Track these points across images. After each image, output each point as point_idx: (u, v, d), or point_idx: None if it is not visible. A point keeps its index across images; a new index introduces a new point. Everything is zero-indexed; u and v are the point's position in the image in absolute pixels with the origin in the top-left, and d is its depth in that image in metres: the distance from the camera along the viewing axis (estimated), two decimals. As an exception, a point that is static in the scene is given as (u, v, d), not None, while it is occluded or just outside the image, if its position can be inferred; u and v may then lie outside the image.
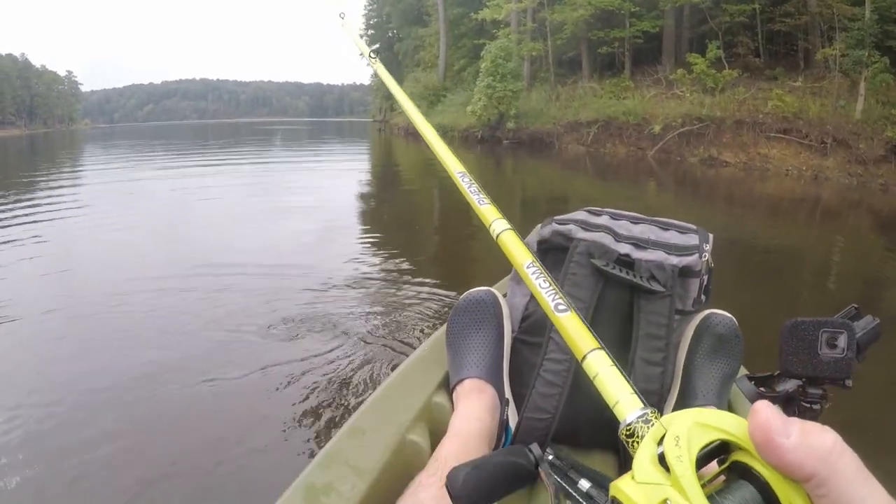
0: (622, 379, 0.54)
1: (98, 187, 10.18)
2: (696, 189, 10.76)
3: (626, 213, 1.39)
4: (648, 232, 1.30)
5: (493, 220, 0.91)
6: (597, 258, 1.22)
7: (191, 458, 2.14)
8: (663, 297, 1.19)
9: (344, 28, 1.76)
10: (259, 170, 13.66)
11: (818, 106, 12.87)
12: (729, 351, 1.25)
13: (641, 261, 1.21)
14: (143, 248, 5.43)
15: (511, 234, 0.88)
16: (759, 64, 15.95)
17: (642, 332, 1.18)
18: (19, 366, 2.88)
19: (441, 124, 25.25)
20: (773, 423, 0.28)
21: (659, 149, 14.93)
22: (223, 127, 65.60)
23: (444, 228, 6.90)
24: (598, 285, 1.21)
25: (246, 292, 3.90)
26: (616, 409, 0.50)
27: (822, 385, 0.78)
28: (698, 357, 1.24)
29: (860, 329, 0.76)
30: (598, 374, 0.56)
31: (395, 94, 1.40)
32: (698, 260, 1.24)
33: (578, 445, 1.22)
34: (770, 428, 0.28)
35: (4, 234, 5.73)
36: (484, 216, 0.96)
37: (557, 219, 1.36)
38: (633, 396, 0.51)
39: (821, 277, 4.77)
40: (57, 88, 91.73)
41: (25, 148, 29.93)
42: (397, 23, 43.38)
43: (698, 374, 1.22)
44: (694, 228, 1.35)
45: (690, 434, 0.33)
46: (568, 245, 1.28)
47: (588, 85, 19.99)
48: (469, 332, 1.29)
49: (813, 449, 0.28)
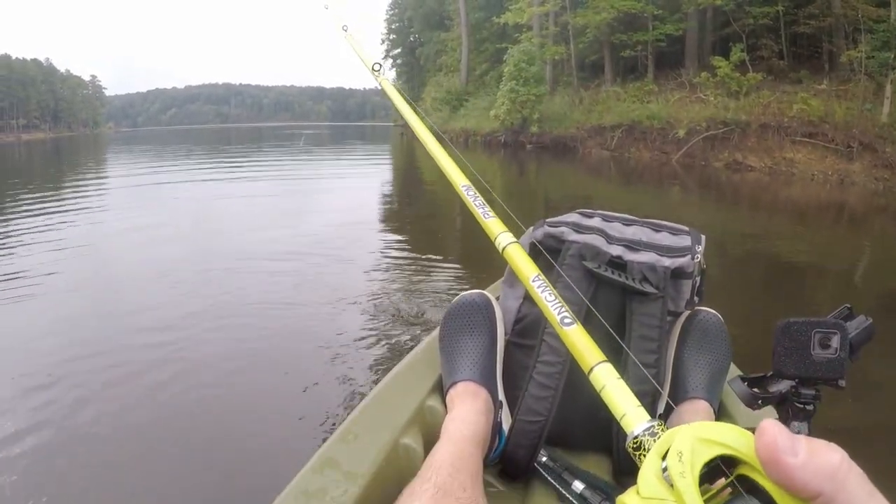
0: (629, 392, 0.56)
1: (133, 190, 10.41)
2: (720, 194, 10.75)
3: (618, 215, 1.40)
4: (640, 233, 1.30)
5: (498, 234, 0.95)
6: (589, 260, 1.22)
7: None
8: (656, 299, 1.20)
9: (347, 40, 1.79)
10: (287, 173, 13.90)
11: (844, 109, 12.74)
12: (715, 345, 1.26)
13: (634, 263, 1.21)
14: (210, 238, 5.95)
15: (517, 248, 0.93)
16: (783, 67, 15.80)
17: (635, 333, 1.19)
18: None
19: (464, 128, 25.38)
20: (780, 443, 0.28)
21: (683, 153, 14.86)
22: (246, 131, 66.20)
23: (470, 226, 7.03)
24: (591, 287, 1.22)
25: (293, 274, 4.39)
26: (623, 422, 0.51)
27: (815, 385, 0.77)
28: (686, 353, 1.24)
29: (853, 329, 0.75)
30: (605, 386, 0.58)
31: (400, 109, 1.43)
32: (690, 261, 1.24)
33: (572, 447, 1.22)
34: (777, 447, 0.28)
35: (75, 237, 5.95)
36: (489, 229, 1.01)
37: (549, 221, 1.36)
38: (639, 409, 0.52)
39: (845, 286, 4.75)
40: (81, 92, 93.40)
41: (50, 151, 30.67)
42: (419, 27, 43.45)
43: (686, 370, 1.22)
44: (686, 230, 1.35)
45: (694, 449, 0.33)
46: (560, 247, 1.28)
47: (611, 89, 19.91)
48: (462, 335, 1.27)
49: (820, 467, 0.27)
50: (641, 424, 0.50)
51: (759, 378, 0.82)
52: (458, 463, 0.95)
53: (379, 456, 1.03)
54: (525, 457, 1.18)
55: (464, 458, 0.98)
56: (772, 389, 0.79)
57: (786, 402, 0.78)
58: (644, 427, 0.50)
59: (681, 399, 1.19)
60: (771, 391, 0.79)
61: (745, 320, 3.48)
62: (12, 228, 6.47)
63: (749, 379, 0.83)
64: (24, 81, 74.79)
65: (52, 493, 1.93)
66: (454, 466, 0.94)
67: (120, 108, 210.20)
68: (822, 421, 0.78)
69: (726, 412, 1.27)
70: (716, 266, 4.97)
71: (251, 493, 1.93)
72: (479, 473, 1.00)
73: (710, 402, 1.19)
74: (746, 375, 0.83)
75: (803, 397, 0.77)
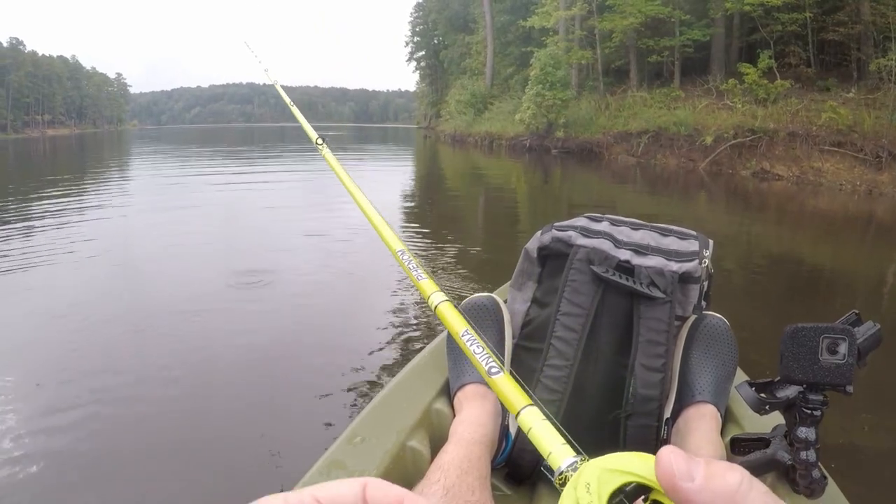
0: (554, 431, 0.59)
1: (171, 187, 10.64)
2: (746, 203, 10.71)
3: (626, 219, 1.40)
4: (648, 238, 1.31)
5: (431, 293, 1.01)
6: (596, 264, 1.23)
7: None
8: (663, 304, 1.20)
9: (292, 109, 1.93)
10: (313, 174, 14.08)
11: (873, 118, 12.58)
12: (722, 350, 1.26)
13: (641, 267, 1.22)
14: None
15: (448, 305, 1.00)
16: (811, 74, 15.63)
17: (643, 338, 1.19)
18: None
19: (488, 132, 25.37)
20: (676, 468, 0.28)
21: (710, 161, 14.75)
22: (270, 130, 66.66)
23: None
24: (598, 291, 1.22)
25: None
26: (550, 459, 0.54)
27: (822, 391, 0.77)
28: (693, 357, 1.25)
29: (861, 335, 0.76)
30: (532, 427, 0.60)
31: (340, 175, 1.49)
32: (698, 266, 1.25)
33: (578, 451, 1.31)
34: (673, 473, 0.28)
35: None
36: (423, 289, 1.07)
37: (557, 225, 1.36)
38: (564, 447, 0.55)
39: (867, 297, 4.73)
40: (106, 90, 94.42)
41: (76, 147, 31.34)
42: (443, 30, 43.49)
43: (693, 374, 1.23)
44: (694, 234, 1.35)
45: (600, 480, 0.33)
46: (568, 251, 1.28)
47: (637, 94, 19.79)
48: None
49: (719, 489, 0.27)
50: (566, 460, 0.53)
51: (767, 383, 0.84)
52: (466, 465, 0.96)
53: (386, 458, 1.04)
54: (531, 460, 1.21)
55: (472, 460, 0.99)
56: (779, 395, 0.81)
57: (793, 408, 0.80)
58: (568, 462, 0.52)
59: (687, 403, 1.21)
60: (778, 396, 0.81)
61: (760, 327, 3.55)
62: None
63: (757, 384, 0.84)
64: (51, 78, 75.70)
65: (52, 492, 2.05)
66: (462, 468, 0.96)
67: (144, 106, 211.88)
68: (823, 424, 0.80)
69: (733, 417, 1.30)
70: (735, 273, 5.05)
71: (257, 496, 2.04)
72: (487, 476, 1.01)
73: (717, 405, 1.20)
74: (754, 381, 0.84)
75: (811, 403, 0.78)
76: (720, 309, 1.40)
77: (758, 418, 0.92)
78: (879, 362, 0.81)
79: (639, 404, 1.20)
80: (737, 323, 1.38)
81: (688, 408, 1.20)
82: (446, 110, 35.73)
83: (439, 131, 34.93)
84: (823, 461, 0.82)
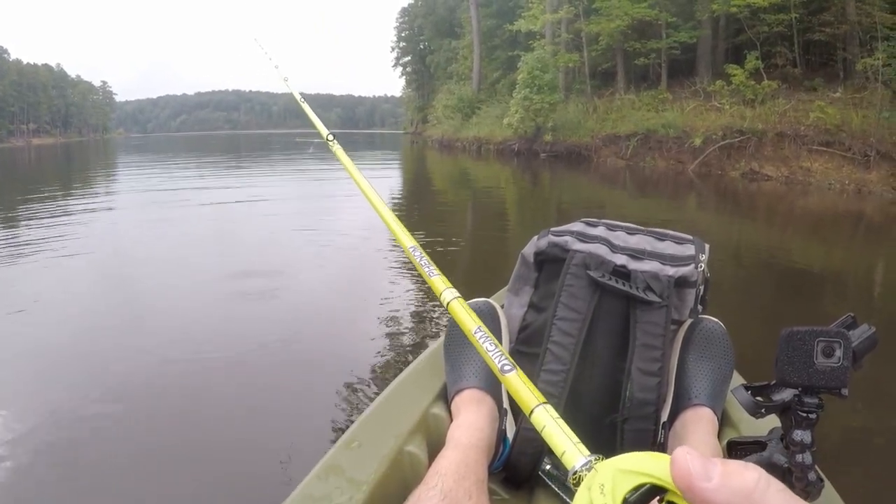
0: (568, 430, 0.59)
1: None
2: (736, 204, 10.77)
3: (622, 224, 1.41)
4: (644, 243, 1.32)
5: (443, 290, 0.98)
6: (593, 269, 1.23)
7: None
8: (659, 308, 1.20)
9: (303, 105, 1.91)
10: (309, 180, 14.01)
11: (860, 118, 12.64)
12: (718, 353, 1.26)
13: (637, 271, 1.22)
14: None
15: (460, 302, 0.97)
16: (798, 75, 15.73)
17: (639, 342, 1.20)
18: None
19: (476, 137, 25.39)
20: (692, 469, 0.29)
21: (699, 162, 14.81)
22: (256, 138, 66.76)
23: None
24: (595, 296, 1.23)
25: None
26: (564, 459, 0.53)
27: (818, 394, 0.77)
28: (689, 361, 1.25)
29: (856, 338, 0.76)
30: (546, 426, 0.60)
31: (353, 174, 1.46)
32: (694, 270, 1.25)
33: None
34: (690, 474, 0.29)
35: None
36: (435, 286, 1.04)
37: (554, 230, 1.37)
38: (578, 446, 0.54)
39: (858, 297, 4.73)
40: (91, 98, 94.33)
41: (61, 156, 31.19)
42: (429, 35, 43.62)
43: (689, 377, 1.23)
44: (690, 238, 1.36)
45: (615, 481, 0.33)
46: (564, 256, 1.29)
47: (625, 97, 19.86)
48: (467, 342, 1.24)
49: (737, 488, 0.28)
50: (581, 460, 0.52)
51: (763, 387, 0.84)
52: (463, 470, 0.96)
53: (383, 463, 1.04)
54: (529, 465, 1.20)
55: (469, 465, 0.99)
56: (775, 398, 0.81)
57: (789, 411, 0.80)
58: (582, 462, 0.52)
59: (684, 406, 1.21)
60: (774, 400, 0.81)
61: (754, 330, 3.54)
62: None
63: (752, 387, 0.84)
64: (35, 86, 75.49)
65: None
66: (459, 473, 0.95)
67: (130, 114, 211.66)
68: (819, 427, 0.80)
69: (730, 421, 1.29)
70: (728, 276, 5.04)
71: (256, 500, 2.00)
72: (484, 481, 1.01)
73: (714, 409, 1.20)
74: (750, 384, 0.84)
75: (806, 406, 0.78)
76: (715, 312, 1.40)
77: (754, 421, 0.92)
78: (875, 364, 0.79)
79: (635, 408, 1.20)
80: (732, 326, 1.37)
81: (684, 411, 1.20)
82: (434, 115, 35.77)
83: (427, 136, 34.93)
84: (820, 464, 0.81)
